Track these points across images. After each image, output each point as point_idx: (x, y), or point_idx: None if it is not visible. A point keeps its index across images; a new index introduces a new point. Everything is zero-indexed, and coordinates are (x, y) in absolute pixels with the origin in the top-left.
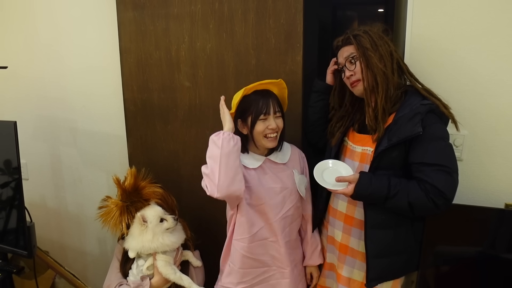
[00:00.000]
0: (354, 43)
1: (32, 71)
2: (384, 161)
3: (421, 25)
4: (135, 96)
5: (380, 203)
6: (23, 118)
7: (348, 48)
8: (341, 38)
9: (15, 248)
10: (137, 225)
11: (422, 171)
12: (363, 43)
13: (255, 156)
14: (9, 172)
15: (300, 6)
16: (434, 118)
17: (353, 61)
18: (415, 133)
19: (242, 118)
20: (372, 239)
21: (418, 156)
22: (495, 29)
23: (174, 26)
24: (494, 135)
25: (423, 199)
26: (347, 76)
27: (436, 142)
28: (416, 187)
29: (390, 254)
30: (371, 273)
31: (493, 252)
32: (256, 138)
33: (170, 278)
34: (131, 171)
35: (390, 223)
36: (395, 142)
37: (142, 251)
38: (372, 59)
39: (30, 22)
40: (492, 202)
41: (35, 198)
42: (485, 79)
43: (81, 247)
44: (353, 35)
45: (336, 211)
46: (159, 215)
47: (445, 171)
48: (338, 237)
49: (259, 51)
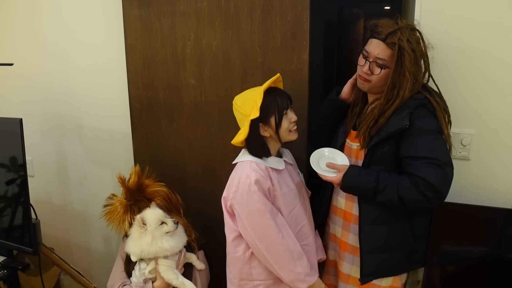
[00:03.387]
0: (395, 55)
1: (38, 68)
2: (376, 156)
3: (429, 24)
4: (141, 93)
5: (370, 197)
6: (29, 115)
7: (385, 50)
8: (386, 31)
9: (20, 245)
10: (136, 228)
11: (412, 164)
12: (405, 61)
13: (276, 159)
14: (15, 169)
15: (307, 4)
16: (424, 111)
17: (380, 66)
18: (401, 127)
19: (263, 121)
20: (366, 235)
21: (407, 150)
22: (503, 28)
23: (180, 24)
24: (501, 135)
25: (413, 193)
26: (364, 70)
27: (425, 135)
28: (406, 181)
29: (384, 250)
30: (365, 269)
31: (500, 252)
32: (282, 135)
33: (172, 283)
34: (135, 169)
35: (385, 219)
36: (383, 136)
37: (142, 255)
38: (405, 82)
39: (36, 20)
40: (499, 202)
41: (41, 195)
42: (492, 78)
43: (86, 245)
44: (399, 45)
45: (337, 208)
46: (159, 218)
47: (435, 164)
48: (338, 234)
49: (265, 49)
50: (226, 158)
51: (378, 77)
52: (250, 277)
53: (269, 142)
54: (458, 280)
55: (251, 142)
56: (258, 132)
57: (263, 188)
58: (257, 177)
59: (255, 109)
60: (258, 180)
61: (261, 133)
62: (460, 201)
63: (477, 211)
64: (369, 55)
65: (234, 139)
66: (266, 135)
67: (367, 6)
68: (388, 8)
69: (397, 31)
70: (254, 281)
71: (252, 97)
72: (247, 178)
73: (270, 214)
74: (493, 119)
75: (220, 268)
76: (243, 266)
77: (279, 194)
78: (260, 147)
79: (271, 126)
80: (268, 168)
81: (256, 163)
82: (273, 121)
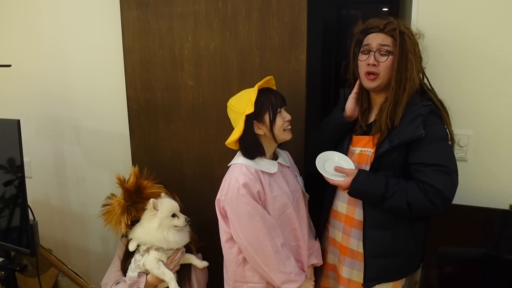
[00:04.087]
0: (398, 39)
1: (36, 69)
2: (384, 162)
3: (426, 24)
4: (139, 95)
5: (378, 202)
6: (27, 116)
7: (386, 38)
8: (383, 23)
9: (18, 246)
10: (148, 211)
11: (421, 171)
12: (407, 44)
13: (269, 161)
14: (13, 170)
15: (304, 5)
16: (435, 119)
17: (385, 53)
18: (417, 136)
19: (257, 118)
20: (371, 240)
21: (418, 156)
22: (500, 29)
23: (177, 25)
24: (499, 136)
25: (421, 199)
26: (370, 63)
27: (436, 142)
28: (415, 187)
29: (388, 255)
30: (368, 274)
31: (498, 253)
32: (276, 133)
33: (153, 273)
34: (134, 170)
35: (389, 224)
36: (396, 144)
37: (145, 239)
38: (409, 65)
39: (34, 21)
40: (497, 203)
41: (39, 196)
42: (490, 79)
43: (84, 246)
44: (400, 30)
45: (337, 213)
46: (173, 210)
47: (444, 171)
48: (338, 238)
49: (263, 50)
50: (223, 159)
51: (385, 65)
52: (244, 279)
53: (264, 141)
54: (456, 281)
55: (245, 141)
56: (252, 130)
57: (251, 191)
58: (245, 180)
59: (250, 104)
60: (246, 184)
61: (255, 131)
62: (458, 202)
63: (474, 212)
64: (370, 47)
65: (229, 139)
66: (260, 133)
67: (365, 7)
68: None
69: (392, 21)
70: (248, 283)
71: (246, 95)
72: (236, 182)
73: (260, 216)
74: (491, 120)
75: (218, 269)
76: (237, 268)
77: (269, 197)
78: (255, 147)
79: (265, 123)
80: (259, 171)
81: (246, 166)
82: (267, 119)
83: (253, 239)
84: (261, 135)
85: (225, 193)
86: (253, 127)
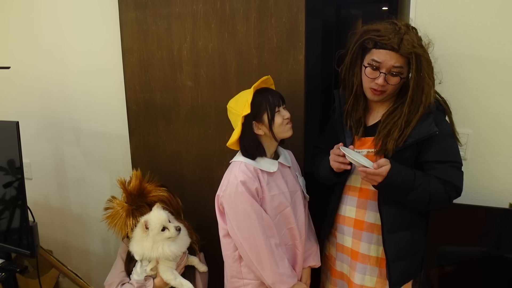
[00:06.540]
0: (413, 63)
1: (35, 71)
2: (397, 161)
3: (425, 24)
4: (138, 95)
5: (403, 194)
6: (26, 118)
7: (400, 59)
8: (395, 41)
9: (18, 248)
10: (139, 230)
11: (437, 168)
12: (424, 68)
13: (269, 161)
14: (12, 172)
15: (302, 5)
16: (441, 115)
17: (397, 75)
18: (432, 133)
19: (256, 118)
20: (391, 244)
21: (433, 154)
22: (498, 28)
23: (176, 26)
24: (498, 134)
25: (441, 192)
26: (380, 83)
27: (447, 139)
28: (435, 179)
29: (408, 256)
30: (393, 278)
31: (498, 252)
32: (276, 132)
33: (170, 283)
34: (136, 173)
35: (406, 224)
36: (410, 142)
37: (143, 258)
38: (426, 87)
39: (33, 22)
40: (496, 201)
41: (39, 198)
42: (489, 78)
43: (84, 247)
44: (416, 53)
45: (345, 218)
46: (162, 223)
47: (457, 167)
48: (348, 244)
49: (261, 50)
50: (223, 159)
51: (394, 86)
52: (240, 276)
53: (264, 141)
54: (456, 280)
55: (244, 141)
56: (252, 130)
57: (250, 189)
58: (244, 178)
59: (247, 106)
60: (245, 182)
61: (255, 131)
62: (458, 201)
63: (474, 211)
64: (381, 66)
65: (229, 140)
66: (260, 133)
67: (365, 7)
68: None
69: (404, 37)
70: (244, 279)
71: (243, 97)
72: (235, 179)
73: (256, 215)
74: (490, 118)
75: (218, 267)
76: (233, 264)
77: (267, 196)
78: (254, 147)
79: (264, 123)
80: (258, 170)
81: (246, 164)
82: (266, 118)
83: (248, 237)
84: (261, 135)
85: (224, 189)
86: (252, 128)
